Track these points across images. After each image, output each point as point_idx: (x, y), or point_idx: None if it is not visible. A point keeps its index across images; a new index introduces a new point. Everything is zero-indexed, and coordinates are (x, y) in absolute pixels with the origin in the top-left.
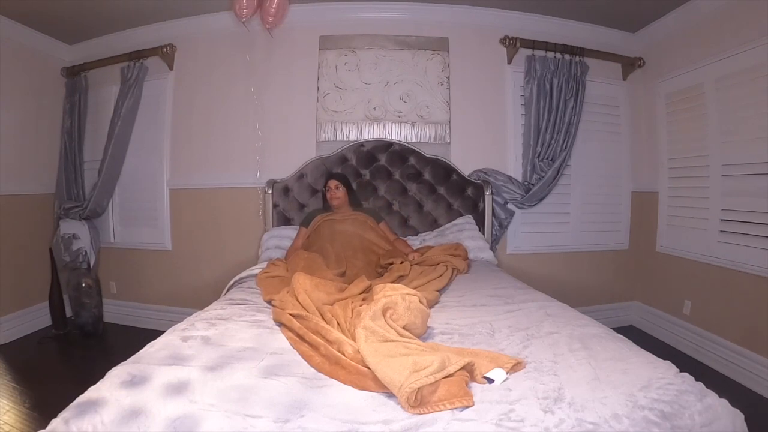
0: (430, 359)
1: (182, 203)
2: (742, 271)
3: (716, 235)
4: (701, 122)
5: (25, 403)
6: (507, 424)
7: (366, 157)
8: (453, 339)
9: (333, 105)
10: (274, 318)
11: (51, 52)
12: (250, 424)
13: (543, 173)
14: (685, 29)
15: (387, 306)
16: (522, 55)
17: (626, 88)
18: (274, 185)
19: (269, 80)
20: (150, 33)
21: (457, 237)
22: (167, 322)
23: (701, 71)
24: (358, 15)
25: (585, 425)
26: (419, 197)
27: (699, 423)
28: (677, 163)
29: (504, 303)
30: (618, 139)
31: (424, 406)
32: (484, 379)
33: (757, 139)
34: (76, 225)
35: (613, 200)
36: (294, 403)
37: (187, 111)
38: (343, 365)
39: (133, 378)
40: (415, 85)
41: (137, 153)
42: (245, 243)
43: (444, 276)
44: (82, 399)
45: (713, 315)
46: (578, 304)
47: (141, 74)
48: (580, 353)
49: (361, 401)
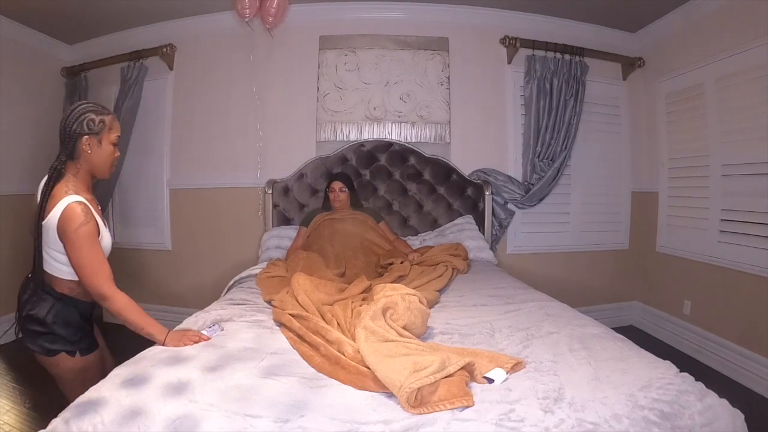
0: (430, 359)
1: (182, 203)
2: (742, 271)
3: (716, 235)
4: (701, 122)
5: (25, 403)
6: (507, 424)
7: (366, 157)
8: (453, 339)
9: (333, 105)
10: (274, 318)
11: (51, 52)
12: (250, 424)
13: (543, 173)
14: (685, 29)
15: (387, 306)
16: (522, 55)
17: (626, 88)
18: (274, 185)
19: (269, 80)
20: (150, 33)
21: (457, 237)
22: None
23: (701, 71)
24: (358, 15)
25: (585, 425)
26: (419, 197)
27: (699, 423)
28: (677, 163)
29: (504, 303)
30: (618, 139)
31: (424, 406)
32: (485, 379)
33: (757, 139)
34: None
35: (613, 200)
36: (294, 403)
37: (187, 111)
38: (343, 365)
39: (134, 378)
40: (415, 85)
41: (137, 153)
42: (245, 243)
43: (444, 276)
44: (82, 399)
45: (713, 315)
46: (578, 304)
47: (141, 74)
48: (580, 353)
49: (361, 401)
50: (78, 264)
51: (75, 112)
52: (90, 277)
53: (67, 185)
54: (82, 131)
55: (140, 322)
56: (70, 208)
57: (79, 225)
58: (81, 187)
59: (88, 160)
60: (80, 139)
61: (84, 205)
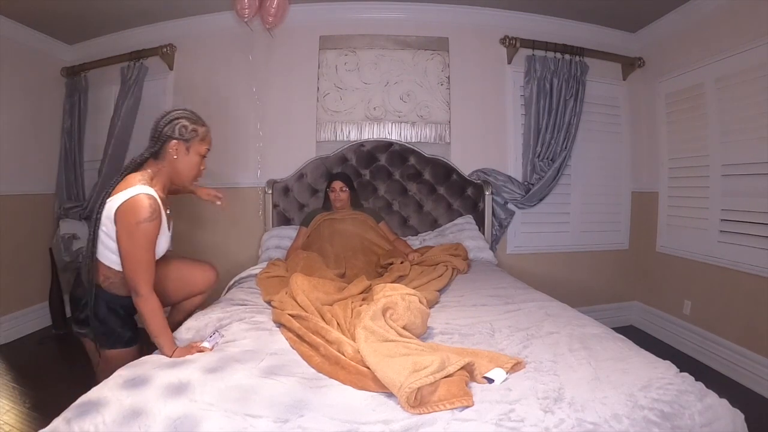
0: (429, 359)
1: (182, 203)
2: (742, 271)
3: (716, 235)
4: (701, 122)
5: (25, 403)
6: (507, 424)
7: (366, 157)
8: (453, 339)
9: (333, 105)
10: (274, 319)
11: (51, 52)
12: (250, 423)
13: (543, 173)
14: (685, 29)
15: (387, 306)
16: (522, 55)
17: (626, 88)
18: (274, 185)
19: (269, 80)
20: (150, 33)
21: (457, 237)
22: None
23: (701, 71)
24: (358, 15)
25: (585, 425)
26: (419, 197)
27: (699, 423)
28: (677, 163)
29: (504, 303)
30: (618, 139)
31: (424, 406)
32: (484, 379)
33: (757, 139)
34: (76, 225)
35: (613, 200)
36: (294, 402)
37: None
38: (342, 365)
39: (135, 379)
40: (415, 85)
41: (137, 153)
42: (245, 243)
43: (444, 276)
44: (83, 399)
45: (713, 315)
46: (578, 304)
47: (141, 74)
48: (580, 353)
49: (360, 401)
50: (126, 256)
51: (170, 115)
52: (133, 273)
53: (143, 176)
54: (172, 134)
55: (158, 330)
56: (138, 199)
57: (142, 219)
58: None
59: (172, 163)
60: (169, 141)
61: (154, 200)
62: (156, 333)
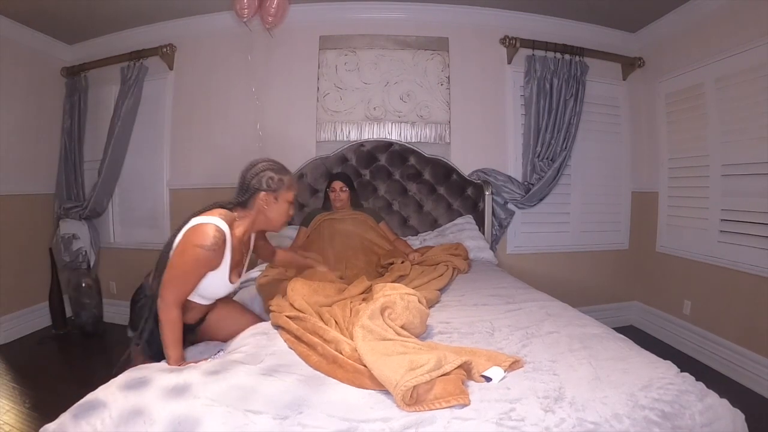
0: (426, 358)
1: (182, 203)
2: (742, 271)
3: (716, 235)
4: (701, 122)
5: (25, 403)
6: (507, 423)
7: (366, 157)
8: (452, 338)
9: (333, 105)
10: (272, 322)
11: (51, 52)
12: (251, 420)
13: (543, 173)
14: (685, 29)
15: (385, 305)
16: (522, 55)
17: (626, 88)
18: None
19: (269, 80)
20: (150, 33)
21: (457, 237)
22: None
23: (701, 71)
24: (358, 15)
25: (586, 425)
26: (419, 197)
27: (700, 423)
28: (677, 163)
29: (505, 302)
30: (618, 139)
31: (420, 404)
32: (482, 378)
33: (757, 139)
34: (76, 225)
35: (613, 200)
36: (293, 400)
37: (187, 111)
38: (340, 364)
39: (137, 380)
40: (415, 85)
41: (137, 153)
42: None
43: (444, 276)
44: (86, 399)
45: (713, 315)
46: (578, 304)
47: (141, 74)
48: (580, 353)
49: (359, 399)
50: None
51: (256, 168)
52: (168, 281)
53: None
54: (260, 187)
55: (171, 341)
56: (206, 226)
57: (200, 245)
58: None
59: (263, 213)
60: (257, 194)
61: (221, 235)
62: (168, 343)
